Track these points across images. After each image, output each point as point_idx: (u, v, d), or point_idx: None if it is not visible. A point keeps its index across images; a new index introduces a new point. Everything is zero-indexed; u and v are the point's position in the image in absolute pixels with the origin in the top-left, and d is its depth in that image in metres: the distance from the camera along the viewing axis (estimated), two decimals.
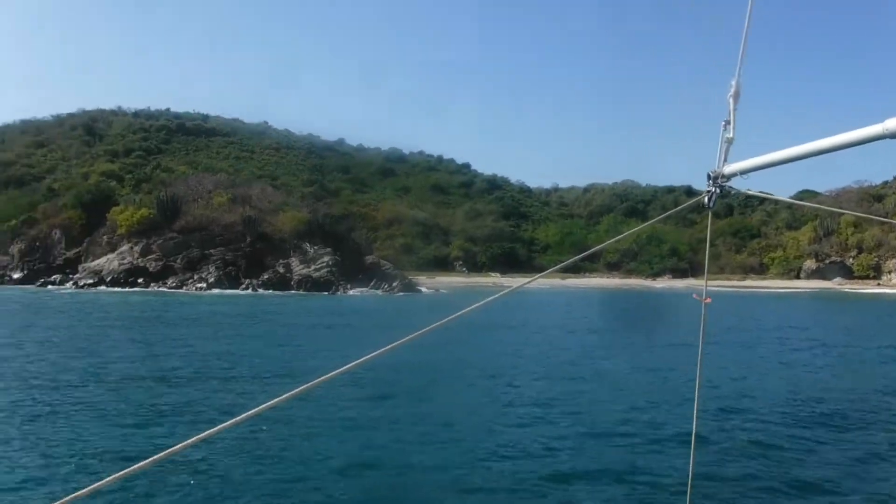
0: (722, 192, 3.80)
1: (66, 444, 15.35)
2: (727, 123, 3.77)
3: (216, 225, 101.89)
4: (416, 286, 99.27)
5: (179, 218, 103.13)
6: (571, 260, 5.76)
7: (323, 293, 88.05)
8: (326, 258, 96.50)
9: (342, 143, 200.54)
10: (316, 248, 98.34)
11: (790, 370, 28.44)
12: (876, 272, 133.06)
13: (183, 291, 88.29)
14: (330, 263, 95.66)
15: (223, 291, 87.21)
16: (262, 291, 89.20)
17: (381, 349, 3.56)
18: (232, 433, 15.21)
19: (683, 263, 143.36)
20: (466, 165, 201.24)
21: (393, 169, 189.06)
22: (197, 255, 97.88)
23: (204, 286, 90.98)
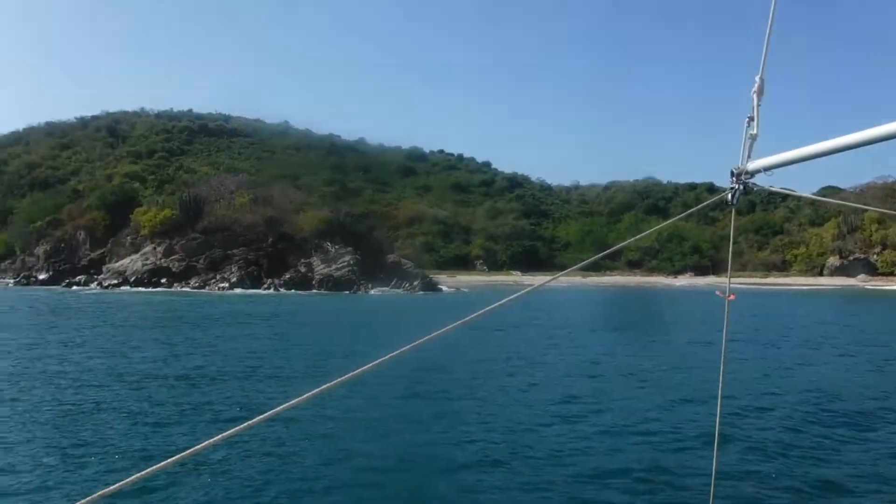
0: (745, 188, 3.75)
1: (88, 443, 15.47)
2: (751, 120, 3.71)
3: (238, 225, 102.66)
4: (436, 285, 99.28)
5: (202, 218, 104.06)
6: (593, 258, 5.65)
7: (344, 292, 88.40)
8: (347, 257, 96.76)
9: (362, 142, 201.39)
10: (337, 247, 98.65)
11: (814, 368, 28.06)
12: None
13: (206, 291, 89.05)
14: (351, 263, 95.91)
15: (245, 291, 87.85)
16: (283, 291, 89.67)
17: (402, 348, 3.56)
18: (254, 432, 15.30)
19: (705, 261, 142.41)
20: (487, 164, 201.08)
21: (413, 168, 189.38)
22: (219, 255, 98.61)
23: (226, 286, 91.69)
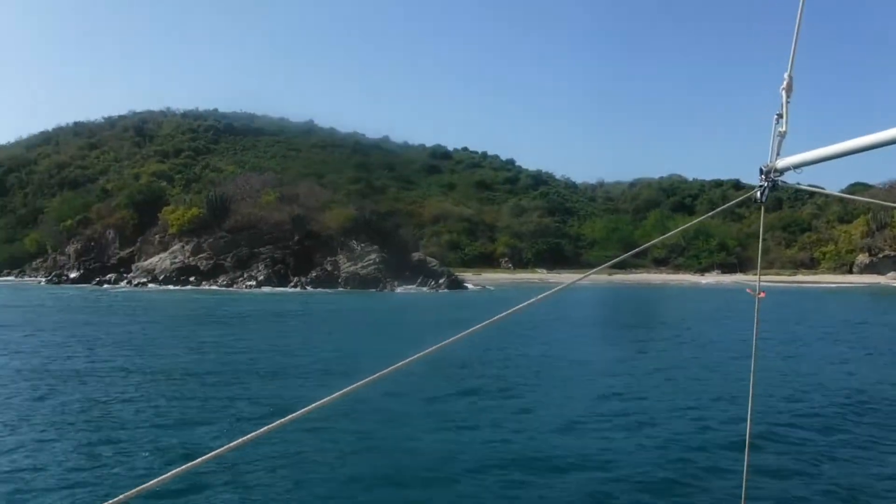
0: (773, 186, 3.71)
1: (117, 442, 15.65)
2: (779, 117, 3.67)
3: (265, 223, 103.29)
4: (462, 283, 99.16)
5: (229, 217, 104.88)
6: (623, 256, 5.67)
7: (370, 290, 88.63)
8: (373, 255, 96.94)
9: (387, 140, 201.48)
10: (363, 245, 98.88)
11: (846, 367, 27.65)
12: None
13: (233, 289, 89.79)
14: (377, 261, 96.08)
15: (273, 289, 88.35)
16: (310, 289, 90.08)
17: (431, 347, 3.56)
18: (285, 429, 15.35)
19: (732, 258, 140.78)
20: (511, 161, 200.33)
21: (438, 166, 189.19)
22: (246, 253, 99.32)
23: (253, 284, 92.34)
